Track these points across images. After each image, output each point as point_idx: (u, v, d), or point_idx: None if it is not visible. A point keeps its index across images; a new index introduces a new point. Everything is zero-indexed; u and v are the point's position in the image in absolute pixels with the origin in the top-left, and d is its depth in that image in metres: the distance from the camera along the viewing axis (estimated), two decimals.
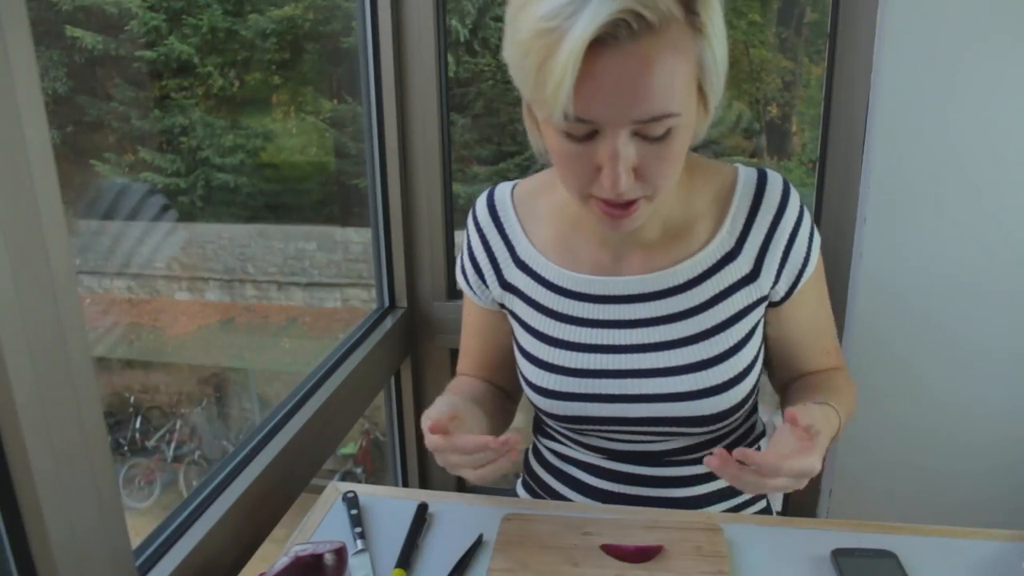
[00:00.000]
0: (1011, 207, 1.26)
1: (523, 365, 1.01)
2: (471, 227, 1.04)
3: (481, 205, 1.04)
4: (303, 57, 8.10)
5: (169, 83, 7.83)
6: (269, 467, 1.06)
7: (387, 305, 1.57)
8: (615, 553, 0.85)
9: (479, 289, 1.04)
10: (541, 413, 1.02)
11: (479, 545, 0.89)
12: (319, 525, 0.94)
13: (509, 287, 1.01)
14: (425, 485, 1.69)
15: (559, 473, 1.08)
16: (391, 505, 0.97)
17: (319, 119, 8.24)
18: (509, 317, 1.04)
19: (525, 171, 1.06)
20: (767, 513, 1.10)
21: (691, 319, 0.94)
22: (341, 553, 0.82)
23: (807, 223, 0.95)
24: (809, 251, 0.95)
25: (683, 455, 1.01)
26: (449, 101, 1.48)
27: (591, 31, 0.68)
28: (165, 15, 7.63)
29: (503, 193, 1.03)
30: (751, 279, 0.94)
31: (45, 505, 0.66)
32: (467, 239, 1.05)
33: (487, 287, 1.03)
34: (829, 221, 1.38)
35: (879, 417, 1.38)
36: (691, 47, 0.74)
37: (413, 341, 1.59)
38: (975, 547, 0.88)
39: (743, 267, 0.94)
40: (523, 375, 1.01)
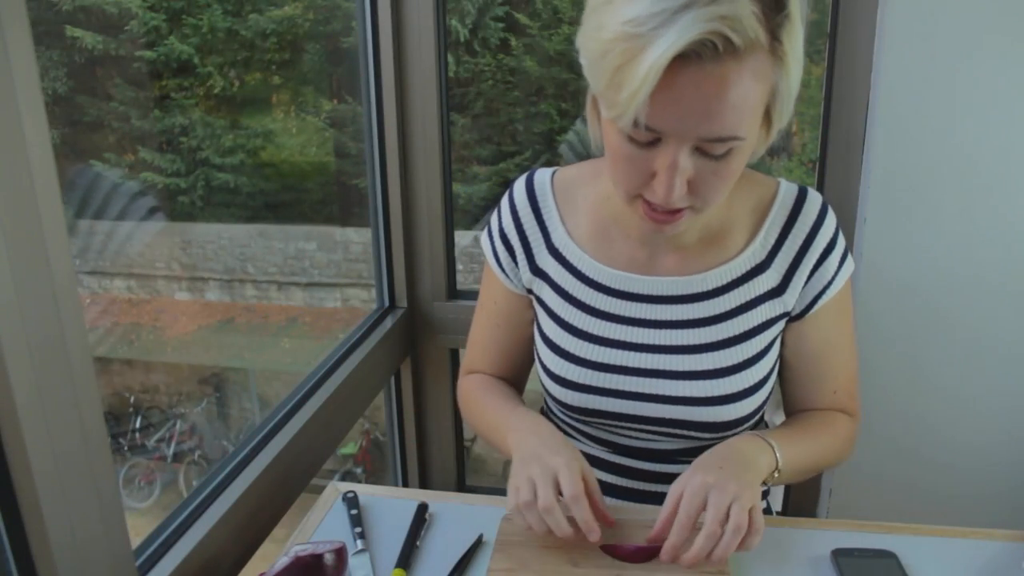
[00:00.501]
0: (1011, 206, 1.26)
1: (544, 353, 1.01)
2: (506, 209, 1.03)
3: (519, 188, 1.02)
4: (303, 57, 8.11)
5: (169, 83, 7.84)
6: (269, 467, 1.06)
7: (387, 305, 1.57)
8: (615, 553, 0.85)
9: (511, 271, 1.04)
10: (554, 402, 1.02)
11: (479, 545, 0.89)
12: (319, 525, 0.94)
13: (540, 273, 1.01)
14: (425, 485, 1.69)
15: None
16: (391, 505, 0.97)
17: (319, 119, 8.24)
18: (535, 303, 1.04)
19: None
20: (767, 513, 1.10)
21: (714, 326, 0.94)
22: (341, 553, 0.82)
23: (840, 247, 0.95)
24: (836, 274, 0.95)
25: (689, 456, 1.01)
26: (449, 101, 1.48)
27: (678, 47, 0.68)
28: (165, 15, 7.64)
29: (543, 178, 1.02)
30: (777, 293, 0.95)
31: (45, 505, 0.66)
32: (498, 221, 1.04)
33: (519, 270, 1.03)
34: None
35: (880, 417, 1.38)
36: (769, 75, 0.74)
37: (413, 341, 1.59)
38: (975, 547, 0.88)
39: (771, 280, 0.94)
40: (543, 363, 1.01)
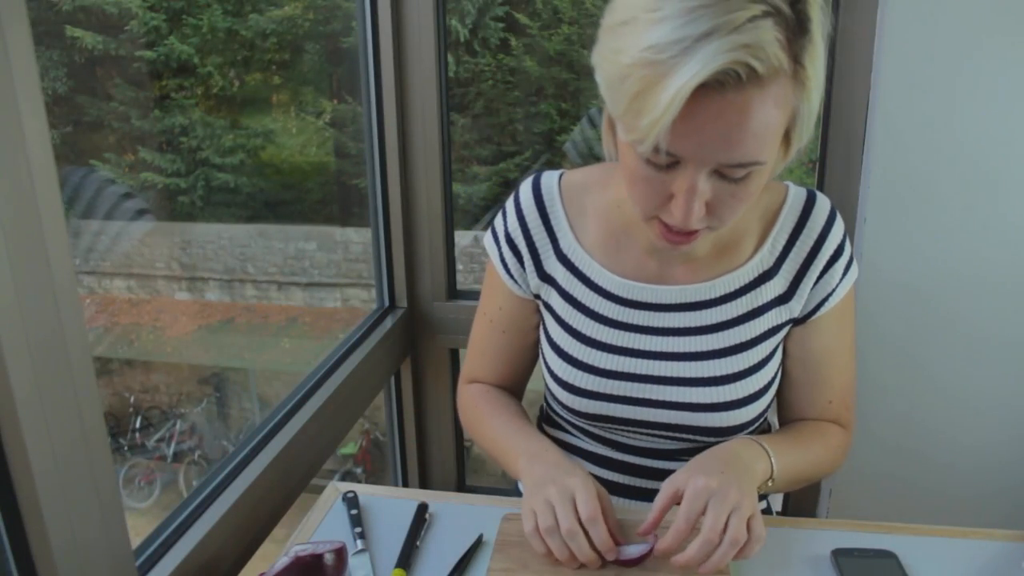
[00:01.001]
0: (1012, 206, 1.26)
1: (551, 359, 1.00)
2: (511, 213, 1.01)
3: (526, 192, 1.01)
4: (303, 57, 8.11)
5: (169, 83, 7.83)
6: (269, 467, 1.06)
7: (387, 305, 1.57)
8: (616, 561, 0.84)
9: (519, 276, 1.02)
10: (559, 407, 1.02)
11: (479, 545, 0.89)
12: (319, 525, 0.94)
13: (547, 278, 1.01)
14: (425, 485, 1.69)
15: None
16: (391, 505, 0.97)
17: (319, 119, 8.24)
18: (542, 308, 1.03)
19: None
20: (767, 513, 1.10)
21: (721, 333, 0.94)
22: (341, 553, 0.82)
23: (846, 254, 0.94)
24: (840, 281, 0.94)
25: (692, 455, 1.01)
26: (449, 101, 1.48)
27: (701, 77, 0.67)
28: (165, 15, 7.64)
29: (550, 182, 1.00)
30: (784, 300, 0.94)
31: (45, 505, 0.66)
32: (504, 225, 1.02)
33: (527, 275, 1.02)
34: None
35: (880, 417, 1.38)
36: (790, 100, 0.73)
37: (413, 341, 1.59)
38: (975, 547, 0.88)
39: (778, 287, 0.94)
40: (550, 368, 1.01)
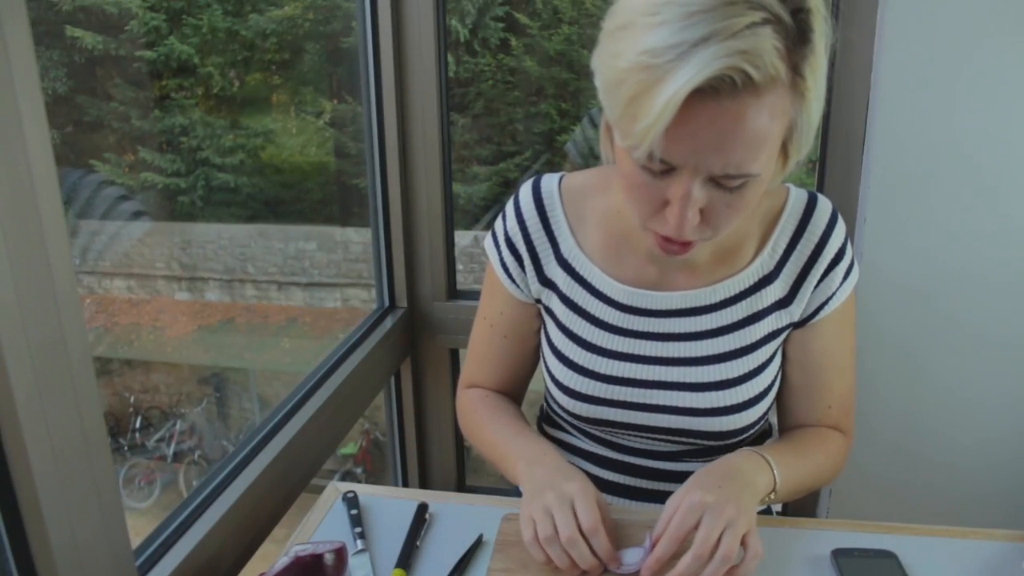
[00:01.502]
0: (1011, 206, 1.26)
1: (552, 364, 1.00)
2: (511, 216, 1.00)
3: (526, 195, 1.00)
4: (303, 57, 8.10)
5: (169, 83, 7.83)
6: (269, 467, 1.06)
7: (387, 305, 1.57)
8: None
9: (520, 279, 1.01)
10: (560, 410, 1.02)
11: (479, 545, 0.89)
12: (319, 525, 0.94)
13: (548, 283, 1.00)
14: (425, 485, 1.69)
15: None
16: (391, 505, 0.97)
17: (319, 119, 8.24)
18: (543, 313, 1.03)
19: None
20: (767, 513, 1.10)
21: (721, 338, 0.94)
22: (341, 553, 0.82)
23: (848, 258, 0.93)
24: (841, 285, 0.93)
25: (693, 456, 1.01)
26: (449, 101, 1.48)
27: (695, 83, 0.66)
28: (165, 15, 7.63)
29: (550, 186, 0.99)
30: (784, 304, 0.94)
31: (45, 505, 0.66)
32: (504, 229, 1.01)
33: (527, 278, 1.01)
34: None
35: (880, 417, 1.38)
36: (788, 110, 0.72)
37: (413, 341, 1.59)
38: (975, 547, 0.88)
39: (778, 291, 0.94)
40: (551, 374, 1.01)
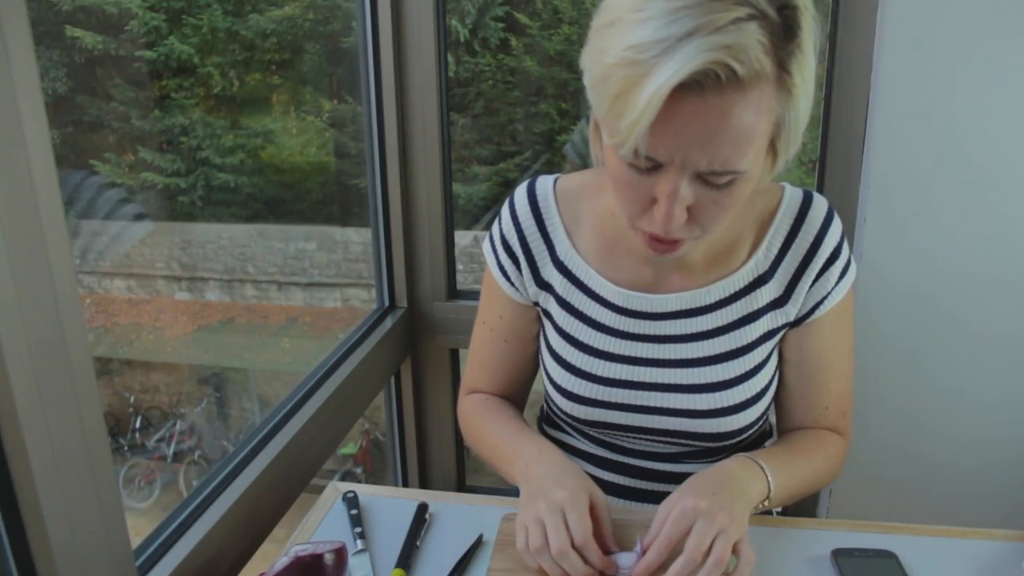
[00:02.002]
0: (1011, 206, 1.26)
1: (551, 366, 1.00)
2: (507, 219, 1.00)
3: (521, 198, 1.00)
4: (303, 57, 8.10)
5: (169, 83, 7.82)
6: (269, 467, 1.06)
7: (387, 305, 1.57)
8: None
9: (517, 281, 1.01)
10: (559, 412, 1.02)
11: (479, 545, 0.89)
12: (319, 525, 0.94)
13: (545, 285, 1.00)
14: (425, 485, 1.69)
15: None
16: (391, 505, 0.97)
17: (319, 119, 8.23)
18: (541, 316, 1.03)
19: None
20: (767, 513, 1.10)
21: (717, 339, 0.94)
22: (341, 553, 0.82)
23: (844, 257, 0.93)
24: (837, 284, 0.93)
25: (691, 457, 1.01)
26: (449, 101, 1.48)
27: (679, 77, 0.66)
28: (165, 15, 7.63)
29: (545, 188, 0.99)
30: (779, 304, 0.94)
31: (45, 505, 0.66)
32: (500, 232, 1.01)
33: (524, 280, 1.01)
34: None
35: (880, 417, 1.38)
36: (774, 107, 0.72)
37: (413, 341, 1.59)
38: (975, 547, 0.88)
39: (774, 291, 0.93)
40: (550, 376, 1.01)
